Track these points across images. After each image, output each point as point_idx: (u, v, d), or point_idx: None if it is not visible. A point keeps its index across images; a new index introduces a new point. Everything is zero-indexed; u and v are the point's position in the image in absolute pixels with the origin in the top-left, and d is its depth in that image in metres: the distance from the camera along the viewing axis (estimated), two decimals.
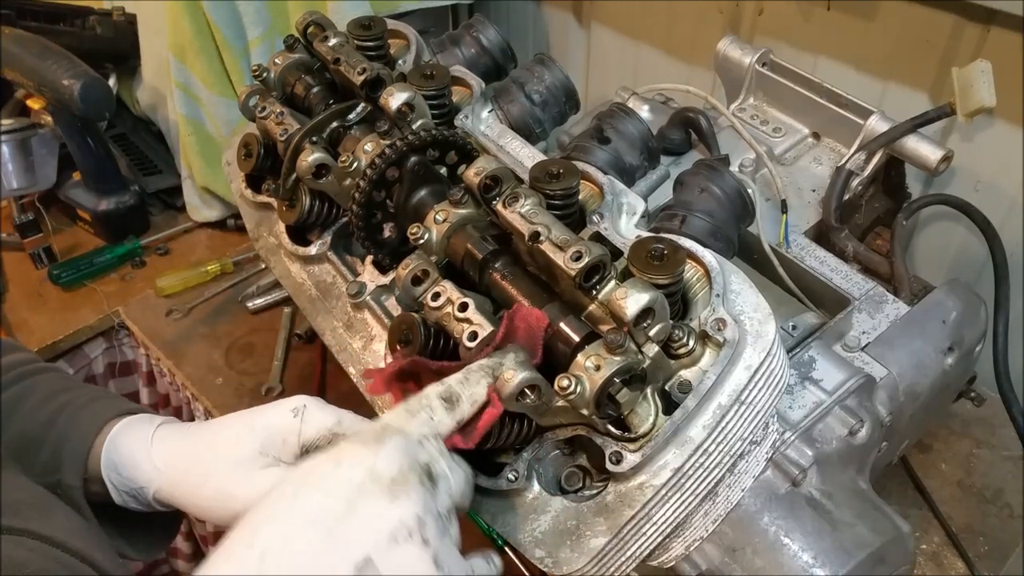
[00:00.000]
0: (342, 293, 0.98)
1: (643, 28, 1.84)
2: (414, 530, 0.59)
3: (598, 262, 0.71)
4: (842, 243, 1.16)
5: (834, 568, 0.79)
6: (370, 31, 1.06)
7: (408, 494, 0.60)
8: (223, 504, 0.76)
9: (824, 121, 1.28)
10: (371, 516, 0.58)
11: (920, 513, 1.20)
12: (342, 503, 0.58)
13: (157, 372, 1.72)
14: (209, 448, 0.79)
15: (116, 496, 0.80)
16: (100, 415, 0.82)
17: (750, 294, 0.74)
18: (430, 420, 0.67)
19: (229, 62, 1.71)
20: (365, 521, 0.58)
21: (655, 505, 0.71)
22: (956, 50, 1.33)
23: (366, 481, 0.59)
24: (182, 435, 0.82)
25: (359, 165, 0.91)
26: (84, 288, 1.79)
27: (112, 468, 0.80)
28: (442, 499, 0.63)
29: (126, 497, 0.81)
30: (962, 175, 1.41)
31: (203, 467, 0.78)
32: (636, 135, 1.11)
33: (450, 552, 0.62)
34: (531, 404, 0.70)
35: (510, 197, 0.77)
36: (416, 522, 0.59)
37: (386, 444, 0.62)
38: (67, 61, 1.61)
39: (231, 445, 0.77)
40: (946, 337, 1.01)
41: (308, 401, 0.78)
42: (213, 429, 0.81)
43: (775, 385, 0.73)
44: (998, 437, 1.30)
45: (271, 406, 0.79)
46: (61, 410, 0.82)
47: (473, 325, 0.74)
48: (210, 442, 0.79)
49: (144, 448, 0.80)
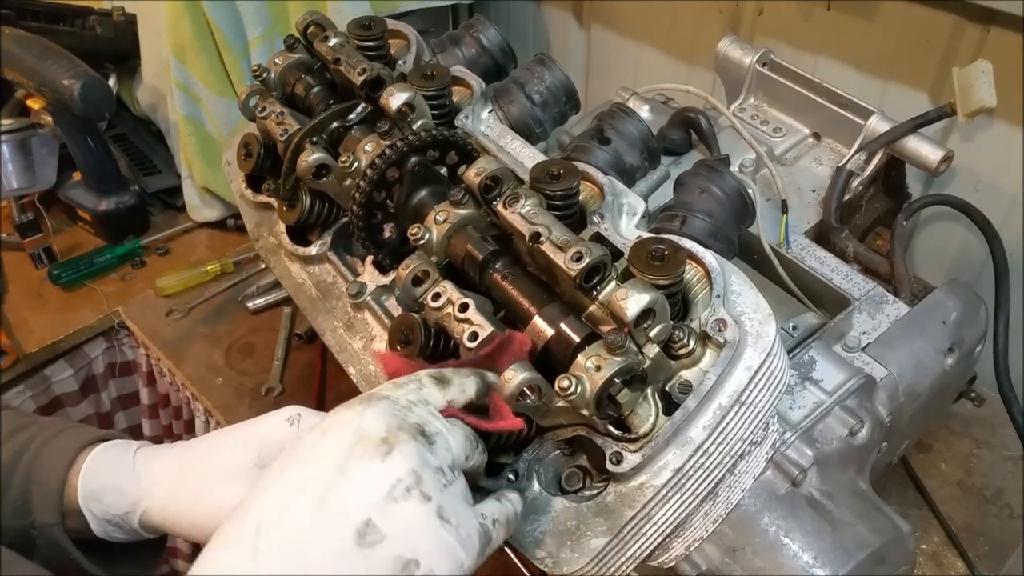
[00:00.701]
0: (342, 293, 0.98)
1: (643, 28, 1.84)
2: (412, 485, 0.56)
3: (599, 263, 0.71)
4: (842, 243, 1.16)
5: (834, 568, 0.79)
6: (370, 31, 1.05)
7: (400, 449, 0.57)
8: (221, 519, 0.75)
9: (824, 121, 1.28)
10: (364, 477, 0.56)
11: (920, 513, 1.21)
12: (332, 468, 0.56)
13: (157, 372, 1.72)
14: (202, 462, 0.76)
15: (97, 527, 0.77)
16: (69, 446, 0.78)
17: (750, 295, 0.74)
18: (419, 390, 0.65)
19: (229, 62, 1.71)
20: (358, 483, 0.56)
21: (655, 505, 0.71)
22: (956, 50, 1.33)
23: (354, 444, 0.57)
24: (170, 453, 0.79)
25: (359, 165, 0.91)
26: (84, 288, 1.79)
27: (92, 497, 0.76)
28: (441, 454, 0.60)
29: (108, 527, 0.77)
30: (962, 175, 1.41)
31: (197, 482, 0.75)
32: (636, 135, 1.11)
33: (456, 504, 0.59)
34: (531, 404, 0.70)
35: (510, 198, 0.77)
36: (412, 477, 0.56)
37: (372, 406, 0.60)
38: (67, 61, 1.61)
39: (226, 458, 0.75)
40: (946, 337, 1.01)
41: (302, 411, 0.76)
42: (206, 444, 0.78)
43: (775, 385, 0.73)
44: (998, 437, 1.30)
45: (264, 418, 0.77)
46: (25, 448, 0.78)
47: (473, 325, 0.74)
48: (203, 456, 0.77)
49: (127, 471, 0.77)
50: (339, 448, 0.57)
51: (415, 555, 0.55)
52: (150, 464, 0.78)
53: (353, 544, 0.53)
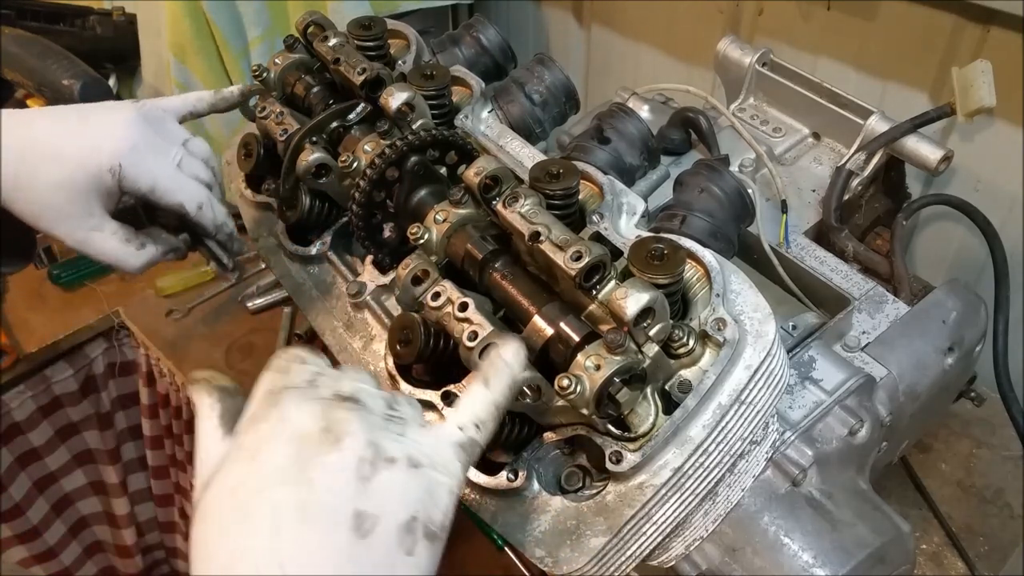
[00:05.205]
0: (342, 293, 0.98)
1: (643, 28, 1.84)
2: (375, 458, 0.54)
3: (598, 262, 0.71)
4: (842, 243, 1.16)
5: (834, 568, 0.79)
6: (370, 31, 1.05)
7: (344, 428, 0.55)
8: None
9: (824, 121, 1.28)
10: (329, 475, 0.53)
11: (920, 513, 1.20)
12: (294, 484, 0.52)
13: (157, 372, 1.72)
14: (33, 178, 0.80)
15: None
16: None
17: (750, 294, 0.74)
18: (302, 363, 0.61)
19: (229, 62, 1.71)
20: (327, 483, 0.52)
21: (655, 505, 0.71)
22: (956, 50, 1.33)
23: (300, 449, 0.53)
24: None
25: (359, 165, 0.91)
26: (84, 288, 1.79)
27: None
28: (376, 405, 0.58)
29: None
30: (962, 175, 1.41)
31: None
32: (636, 135, 1.11)
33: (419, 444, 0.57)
34: (531, 404, 0.70)
35: (510, 197, 0.77)
36: (371, 449, 0.54)
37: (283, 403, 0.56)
38: (67, 61, 1.61)
39: (58, 199, 0.80)
40: (946, 337, 1.01)
41: (122, 157, 0.81)
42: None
43: (775, 385, 0.73)
44: (998, 437, 1.30)
45: (88, 145, 0.82)
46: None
47: (473, 325, 0.74)
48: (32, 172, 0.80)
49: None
50: (287, 462, 0.53)
51: (411, 513, 0.54)
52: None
53: (356, 540, 0.51)
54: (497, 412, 0.63)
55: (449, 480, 0.57)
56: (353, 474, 0.53)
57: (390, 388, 0.85)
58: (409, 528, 0.53)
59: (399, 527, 0.53)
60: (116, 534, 2.03)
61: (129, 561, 2.06)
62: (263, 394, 0.58)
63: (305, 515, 0.51)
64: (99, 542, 2.06)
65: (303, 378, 0.59)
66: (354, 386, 0.59)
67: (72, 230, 0.82)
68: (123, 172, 0.83)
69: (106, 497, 1.98)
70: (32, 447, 1.77)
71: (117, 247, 0.85)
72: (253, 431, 0.56)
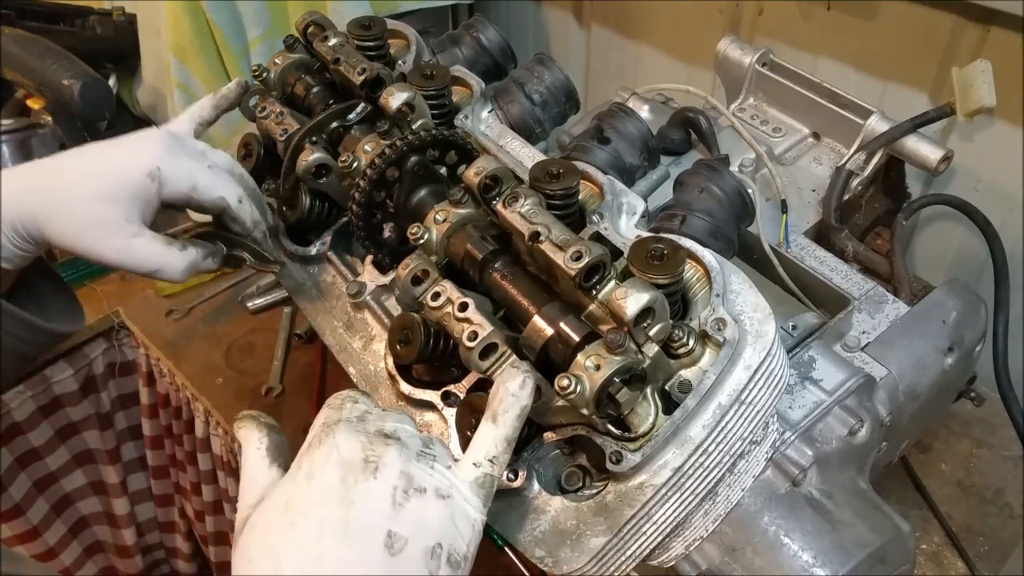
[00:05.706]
0: (342, 293, 0.98)
1: (643, 28, 1.84)
2: (408, 487, 0.62)
3: (598, 262, 0.71)
4: (842, 243, 1.16)
5: (834, 568, 0.79)
6: (370, 31, 1.06)
7: (383, 459, 0.63)
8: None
9: (824, 121, 1.28)
10: (368, 498, 0.61)
11: (920, 513, 1.20)
12: (338, 504, 0.60)
13: (157, 372, 1.72)
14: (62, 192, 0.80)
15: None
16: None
17: (750, 294, 0.74)
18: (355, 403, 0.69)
19: (229, 62, 1.71)
20: (367, 506, 0.60)
21: (655, 505, 0.71)
22: (956, 50, 1.33)
23: (345, 475, 0.61)
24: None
25: (359, 165, 0.91)
26: (84, 288, 1.79)
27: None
28: (413, 443, 0.66)
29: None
30: (962, 175, 1.41)
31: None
32: (636, 135, 1.11)
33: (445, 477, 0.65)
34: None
35: (510, 197, 0.77)
36: (404, 479, 0.62)
37: (335, 434, 0.64)
38: (67, 61, 1.61)
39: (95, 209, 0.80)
40: (946, 337, 1.01)
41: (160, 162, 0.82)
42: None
43: (775, 385, 0.73)
44: (998, 437, 1.30)
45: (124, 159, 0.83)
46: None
47: (473, 325, 0.74)
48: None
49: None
50: (334, 483, 0.61)
51: (436, 540, 0.61)
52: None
53: (387, 556, 0.59)
54: (509, 445, 0.69)
55: (473, 512, 0.65)
56: (388, 499, 0.61)
57: (390, 388, 0.86)
58: (434, 552, 0.61)
59: (425, 549, 0.61)
60: (116, 534, 2.03)
61: (129, 561, 2.06)
62: (320, 426, 0.66)
63: (346, 529, 0.59)
64: (99, 542, 2.05)
65: (354, 414, 0.67)
66: (395, 426, 0.67)
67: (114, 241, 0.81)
68: (163, 175, 0.83)
69: (106, 497, 1.98)
70: (32, 447, 1.77)
71: (161, 250, 0.84)
72: (309, 456, 0.64)
